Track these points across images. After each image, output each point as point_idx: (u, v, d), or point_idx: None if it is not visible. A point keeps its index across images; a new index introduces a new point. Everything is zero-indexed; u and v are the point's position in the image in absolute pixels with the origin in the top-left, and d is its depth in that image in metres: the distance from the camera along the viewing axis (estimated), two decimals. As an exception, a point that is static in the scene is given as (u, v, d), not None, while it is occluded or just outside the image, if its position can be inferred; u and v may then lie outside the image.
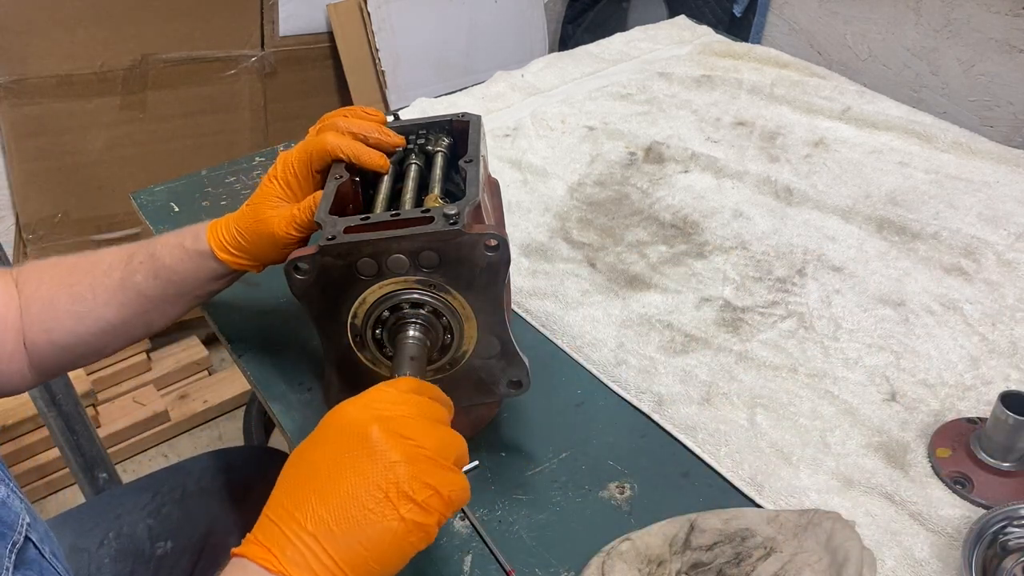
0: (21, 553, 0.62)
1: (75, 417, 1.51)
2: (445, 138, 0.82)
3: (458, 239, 0.64)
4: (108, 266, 0.79)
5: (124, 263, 0.79)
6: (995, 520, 0.66)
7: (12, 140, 1.80)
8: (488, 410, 0.79)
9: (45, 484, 1.90)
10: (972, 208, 1.05)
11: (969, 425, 0.77)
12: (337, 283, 0.66)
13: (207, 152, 1.98)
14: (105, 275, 0.79)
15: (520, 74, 1.43)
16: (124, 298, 0.79)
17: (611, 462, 0.77)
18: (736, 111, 1.29)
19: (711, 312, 0.93)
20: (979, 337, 0.88)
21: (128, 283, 0.78)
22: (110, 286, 0.78)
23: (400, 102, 2.00)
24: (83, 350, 0.82)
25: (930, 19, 1.67)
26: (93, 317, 0.79)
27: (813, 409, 0.81)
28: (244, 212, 0.77)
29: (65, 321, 0.79)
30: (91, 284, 0.79)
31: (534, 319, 0.94)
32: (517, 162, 1.20)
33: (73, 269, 0.80)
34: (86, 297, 0.78)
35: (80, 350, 0.81)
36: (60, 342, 0.79)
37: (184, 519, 0.99)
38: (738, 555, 0.66)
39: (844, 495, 0.73)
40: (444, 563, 0.69)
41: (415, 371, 0.64)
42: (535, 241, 1.05)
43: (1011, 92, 1.59)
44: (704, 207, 1.09)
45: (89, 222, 1.94)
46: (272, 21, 1.95)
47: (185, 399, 2.08)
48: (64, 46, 1.76)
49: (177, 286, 0.79)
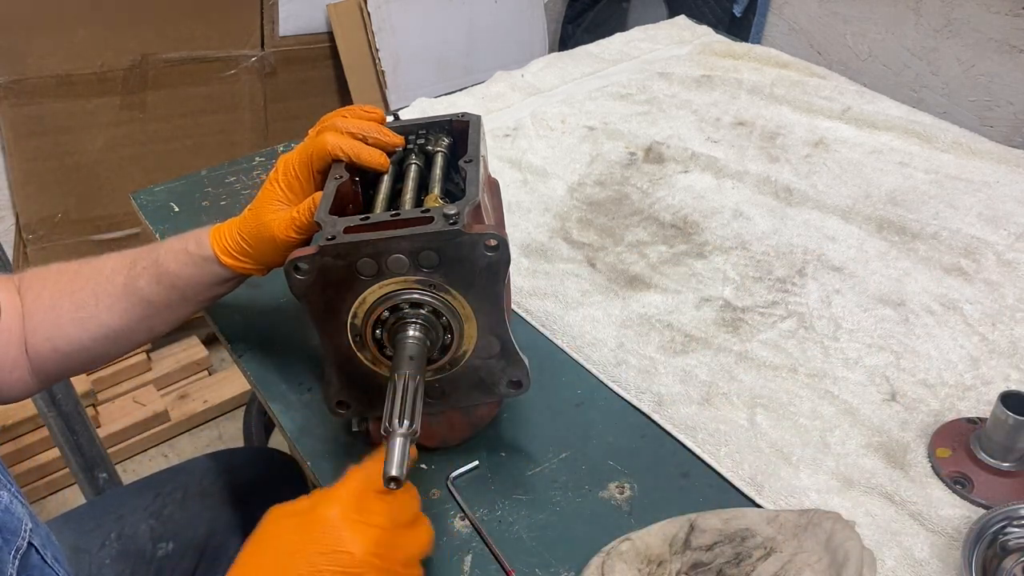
0: (24, 559, 0.62)
1: (75, 417, 1.50)
2: (445, 138, 0.82)
3: (458, 239, 0.64)
4: (111, 272, 0.79)
5: (127, 269, 0.79)
6: (995, 520, 0.66)
7: (12, 140, 1.80)
8: (488, 410, 0.79)
9: (45, 484, 1.90)
10: (972, 208, 1.05)
11: (969, 425, 0.77)
12: (337, 283, 0.66)
13: (207, 152, 1.98)
14: (108, 281, 0.79)
15: (520, 74, 1.43)
16: (127, 304, 0.79)
17: (611, 462, 0.77)
18: (736, 111, 1.29)
19: (711, 312, 0.93)
20: (979, 337, 0.88)
21: (131, 289, 0.78)
22: (113, 292, 0.78)
23: (400, 102, 2.00)
24: (85, 356, 0.81)
25: (930, 19, 1.67)
26: (96, 323, 0.79)
27: (813, 409, 0.81)
28: (246, 216, 0.77)
29: (67, 328, 0.78)
30: (94, 290, 0.79)
31: (534, 319, 0.94)
32: (517, 162, 1.20)
33: (75, 276, 0.80)
34: (89, 303, 0.78)
35: (83, 356, 0.81)
36: (63, 349, 0.79)
37: (186, 520, 0.99)
38: (738, 555, 0.66)
39: (844, 495, 0.73)
40: (444, 563, 0.69)
41: (414, 370, 0.64)
42: (535, 241, 1.05)
43: (1011, 92, 1.59)
44: (704, 207, 1.09)
45: (89, 222, 1.94)
46: (272, 21, 1.95)
47: (185, 399, 2.08)
48: (64, 46, 1.76)
49: (181, 291, 0.78)
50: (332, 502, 0.55)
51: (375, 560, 0.53)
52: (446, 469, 0.76)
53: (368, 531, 0.54)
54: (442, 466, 0.77)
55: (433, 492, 0.75)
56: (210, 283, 0.79)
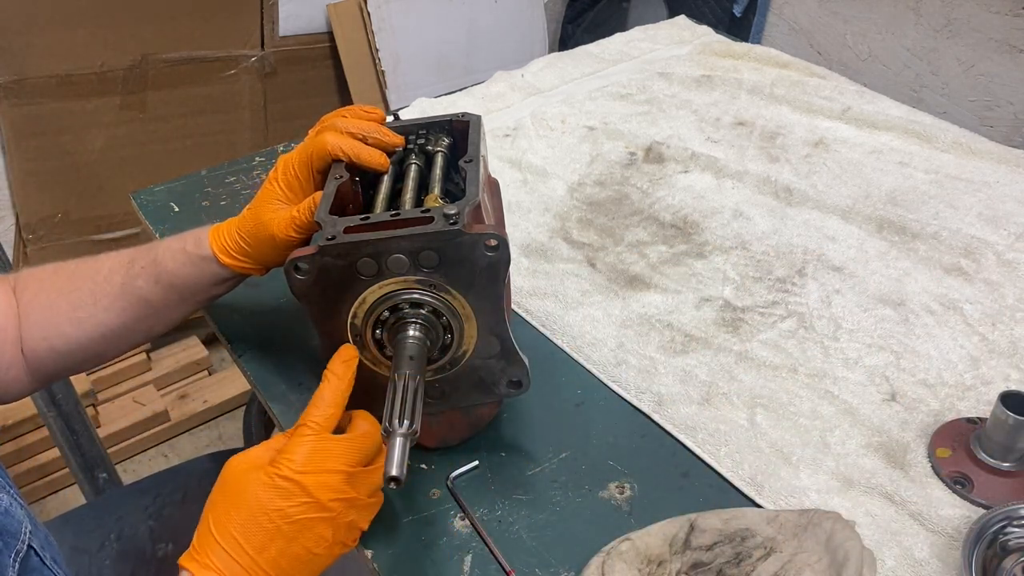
0: (24, 561, 0.62)
1: (75, 417, 1.50)
2: (445, 138, 0.82)
3: (458, 239, 0.64)
4: (108, 271, 0.79)
5: (125, 268, 0.79)
6: (995, 520, 0.66)
7: (12, 140, 1.80)
8: (488, 410, 0.79)
9: (45, 484, 1.90)
10: (972, 208, 1.05)
11: (969, 425, 0.77)
12: (337, 283, 0.66)
13: (207, 152, 1.98)
14: (106, 281, 0.78)
15: (520, 74, 1.43)
16: (125, 303, 0.78)
17: (611, 462, 0.77)
18: (736, 111, 1.29)
19: (711, 312, 0.93)
20: (979, 337, 0.88)
21: (129, 288, 0.78)
22: (111, 292, 0.78)
23: (400, 102, 2.01)
24: (82, 356, 0.81)
25: (930, 19, 1.67)
26: (93, 323, 0.79)
27: (813, 409, 0.81)
28: (246, 215, 0.77)
29: (65, 327, 0.78)
30: (91, 290, 0.78)
31: (534, 319, 0.94)
32: (517, 162, 1.20)
33: (72, 275, 0.80)
34: (86, 303, 0.78)
35: (79, 356, 0.81)
36: (59, 348, 0.79)
37: (186, 521, 0.98)
38: (738, 555, 0.66)
39: (844, 495, 0.73)
40: (444, 563, 0.69)
41: (414, 370, 0.64)
42: (535, 241, 1.05)
43: (1011, 92, 1.60)
44: (704, 207, 1.09)
45: (89, 222, 1.94)
46: (272, 21, 1.95)
47: (185, 399, 2.08)
48: (64, 46, 1.76)
49: (179, 291, 0.78)
50: (291, 457, 0.60)
51: (338, 504, 0.60)
52: (446, 469, 0.76)
53: (329, 478, 0.60)
54: (442, 466, 0.77)
55: (433, 492, 0.75)
56: (209, 283, 0.79)
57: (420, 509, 0.74)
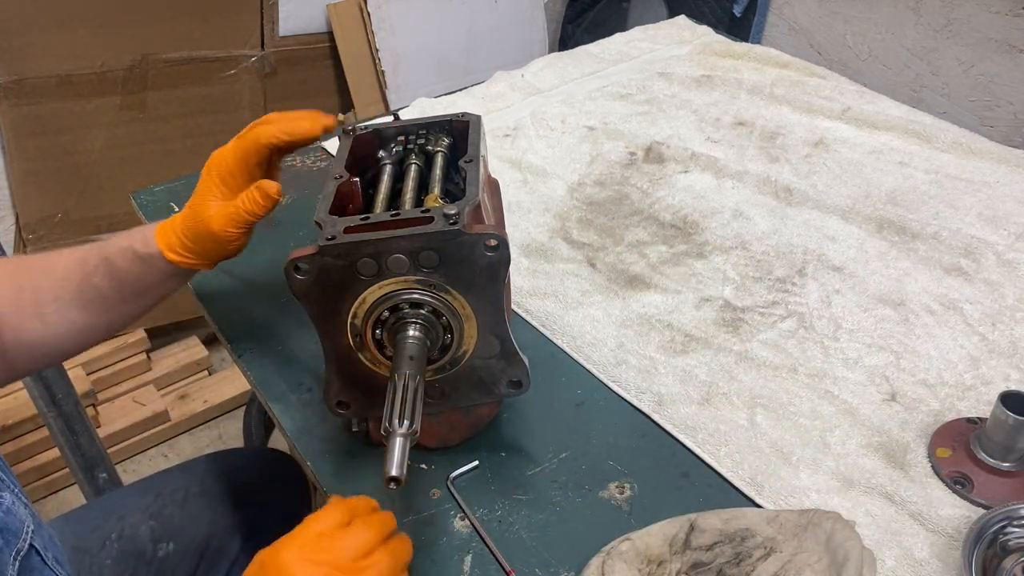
0: (25, 560, 0.62)
1: (75, 417, 1.50)
2: (445, 138, 0.81)
3: (458, 239, 0.64)
4: (64, 270, 0.80)
5: (79, 267, 0.79)
6: (995, 520, 0.66)
7: (12, 140, 1.80)
8: (488, 410, 0.79)
9: (45, 484, 1.90)
10: (972, 208, 1.05)
11: (969, 425, 0.77)
12: (337, 283, 0.66)
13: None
14: (64, 279, 0.79)
15: (520, 74, 1.43)
16: (85, 300, 0.79)
17: (611, 462, 0.77)
18: (736, 111, 1.29)
19: (711, 312, 0.93)
20: (979, 337, 0.88)
21: (86, 286, 0.79)
22: (71, 289, 0.79)
23: (400, 102, 2.00)
24: (49, 350, 0.82)
25: (930, 19, 1.67)
26: (57, 319, 0.79)
27: (813, 409, 0.81)
28: (186, 213, 0.78)
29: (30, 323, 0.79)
30: (51, 287, 0.79)
31: (534, 319, 0.94)
32: (517, 162, 1.20)
33: (28, 272, 0.81)
34: (47, 300, 0.79)
35: (48, 350, 0.82)
36: (27, 341, 0.80)
37: (186, 521, 0.99)
38: (738, 555, 0.66)
39: (844, 495, 0.73)
40: (444, 563, 0.69)
41: (414, 370, 0.64)
42: (535, 241, 1.05)
43: (1011, 92, 1.60)
44: (704, 207, 1.09)
45: (89, 222, 1.94)
46: (272, 21, 1.95)
47: (185, 399, 2.08)
48: (64, 46, 1.76)
49: (132, 287, 0.79)
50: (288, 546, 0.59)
51: None
52: (446, 469, 0.76)
53: (316, 569, 0.58)
54: (442, 466, 0.77)
55: (433, 492, 0.75)
56: (159, 279, 0.80)
57: (420, 509, 0.74)
